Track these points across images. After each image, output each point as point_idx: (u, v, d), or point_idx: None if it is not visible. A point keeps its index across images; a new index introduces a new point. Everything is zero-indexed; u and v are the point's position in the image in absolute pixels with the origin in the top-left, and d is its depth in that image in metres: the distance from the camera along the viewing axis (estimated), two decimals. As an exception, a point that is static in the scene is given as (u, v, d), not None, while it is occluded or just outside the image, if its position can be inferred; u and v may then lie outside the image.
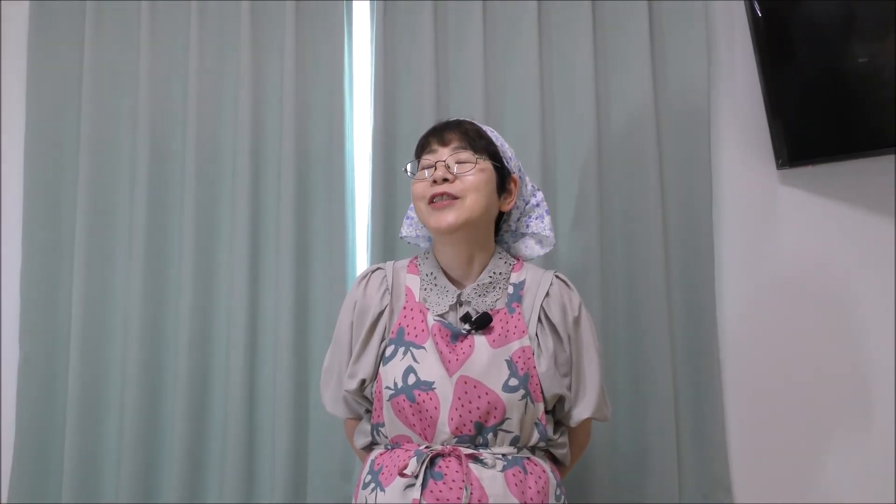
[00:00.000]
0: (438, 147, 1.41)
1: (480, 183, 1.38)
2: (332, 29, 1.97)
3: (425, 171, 1.41)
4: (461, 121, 1.46)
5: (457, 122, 1.45)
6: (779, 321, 1.93)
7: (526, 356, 1.35)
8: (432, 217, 1.38)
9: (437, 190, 1.37)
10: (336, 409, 1.45)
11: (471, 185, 1.37)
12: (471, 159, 1.39)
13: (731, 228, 1.95)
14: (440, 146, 1.41)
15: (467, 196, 1.37)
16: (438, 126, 1.46)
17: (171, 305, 1.91)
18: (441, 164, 1.38)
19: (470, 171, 1.38)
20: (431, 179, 1.38)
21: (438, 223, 1.37)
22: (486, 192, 1.39)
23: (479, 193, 1.38)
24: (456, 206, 1.36)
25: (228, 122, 1.96)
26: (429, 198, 1.38)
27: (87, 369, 1.88)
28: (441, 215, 1.37)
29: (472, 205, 1.37)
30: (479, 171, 1.38)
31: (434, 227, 1.38)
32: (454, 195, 1.37)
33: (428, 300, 1.41)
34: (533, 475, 1.32)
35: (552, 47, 1.96)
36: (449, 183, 1.37)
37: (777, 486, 1.89)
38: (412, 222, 1.57)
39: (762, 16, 1.87)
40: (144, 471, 1.85)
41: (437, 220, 1.37)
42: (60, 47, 1.98)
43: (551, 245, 1.53)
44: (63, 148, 1.96)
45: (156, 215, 1.92)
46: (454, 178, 1.37)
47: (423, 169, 1.42)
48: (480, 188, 1.38)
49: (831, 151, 1.86)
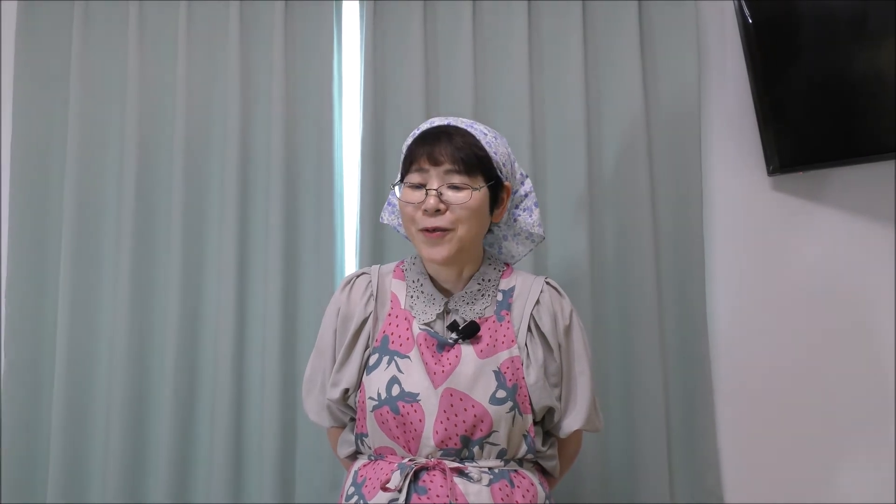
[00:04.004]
0: (429, 167, 1.31)
1: (473, 211, 1.31)
2: (321, 30, 1.95)
3: (414, 192, 1.32)
4: (451, 133, 1.34)
5: (447, 134, 1.33)
6: (770, 327, 1.93)
7: (515, 367, 1.33)
8: (424, 248, 1.33)
9: (429, 224, 1.30)
10: (320, 417, 1.43)
11: (463, 216, 1.31)
12: (465, 184, 1.30)
13: (721, 234, 1.95)
14: (431, 166, 1.31)
15: (459, 227, 1.31)
16: (428, 136, 1.34)
17: (158, 309, 1.90)
18: (433, 194, 1.30)
19: (462, 202, 1.30)
20: (422, 209, 1.30)
21: (431, 256, 1.33)
22: (478, 218, 1.33)
23: (471, 222, 1.32)
24: (447, 237, 1.31)
25: (217, 123, 1.94)
26: (421, 227, 1.32)
27: (73, 374, 1.86)
28: (433, 249, 1.32)
29: (465, 234, 1.32)
30: (471, 199, 1.31)
31: (426, 257, 1.34)
32: (446, 228, 1.31)
33: (414, 308, 1.38)
34: (520, 489, 1.30)
35: (542, 50, 1.95)
36: (440, 214, 1.30)
37: (769, 494, 1.88)
38: (394, 209, 1.46)
39: (752, 21, 1.87)
40: (131, 476, 1.83)
41: (430, 253, 1.32)
42: (48, 48, 1.96)
43: (540, 240, 1.47)
44: (50, 149, 1.94)
45: (143, 218, 1.90)
46: (446, 209, 1.30)
47: (412, 187, 1.33)
48: (472, 217, 1.32)
49: (822, 157, 1.85)
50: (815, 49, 1.83)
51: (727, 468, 1.88)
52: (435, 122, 1.39)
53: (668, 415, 1.85)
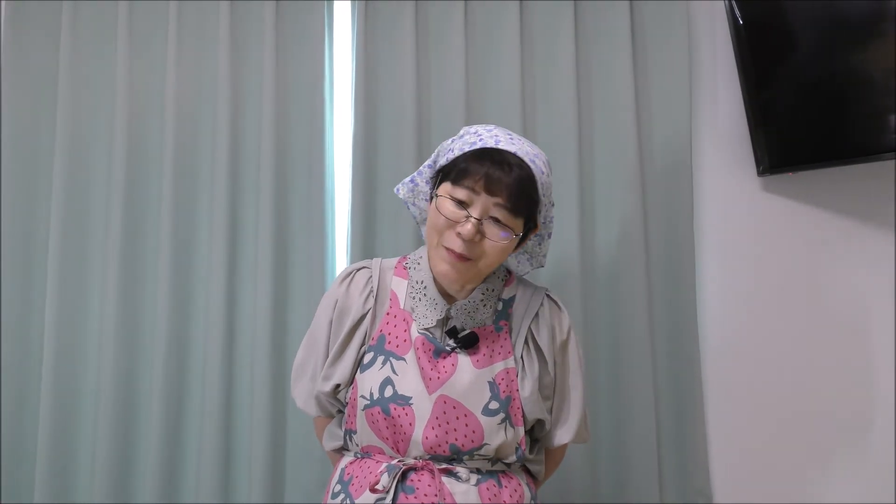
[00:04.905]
0: (481, 192, 1.24)
1: (501, 252, 1.28)
2: (312, 29, 1.94)
3: (455, 208, 1.25)
4: (514, 165, 1.25)
5: (510, 165, 1.25)
6: (760, 329, 1.93)
7: (509, 378, 1.32)
8: (440, 263, 1.29)
9: (457, 248, 1.25)
10: (307, 406, 1.40)
11: (492, 255, 1.27)
12: (508, 225, 1.25)
13: (712, 235, 1.95)
14: (483, 192, 1.24)
15: (481, 261, 1.28)
16: (492, 158, 1.25)
17: (147, 308, 1.88)
18: (474, 223, 1.24)
19: (497, 242, 1.26)
20: (457, 231, 1.25)
21: (445, 275, 1.29)
22: (504, 256, 1.30)
23: (495, 260, 1.29)
24: (468, 265, 1.27)
25: (207, 122, 1.93)
26: (446, 244, 1.27)
27: (61, 373, 1.84)
28: (449, 269, 1.28)
29: (483, 269, 1.30)
30: (504, 244, 1.27)
31: (437, 271, 1.30)
32: (469, 258, 1.27)
33: (415, 311, 1.36)
34: (508, 489, 1.30)
35: (534, 50, 1.94)
36: (473, 244, 1.26)
37: (758, 495, 1.88)
38: (415, 188, 1.40)
39: (743, 22, 1.87)
40: (120, 476, 1.82)
41: (444, 271, 1.29)
42: (36, 48, 1.94)
43: (540, 266, 1.48)
44: (38, 149, 1.92)
45: (132, 218, 1.89)
46: (480, 240, 1.26)
47: (455, 202, 1.26)
48: (500, 256, 1.28)
49: (812, 158, 1.86)
50: (805, 50, 1.84)
51: (716, 469, 1.88)
52: (500, 140, 1.29)
53: (657, 415, 1.85)
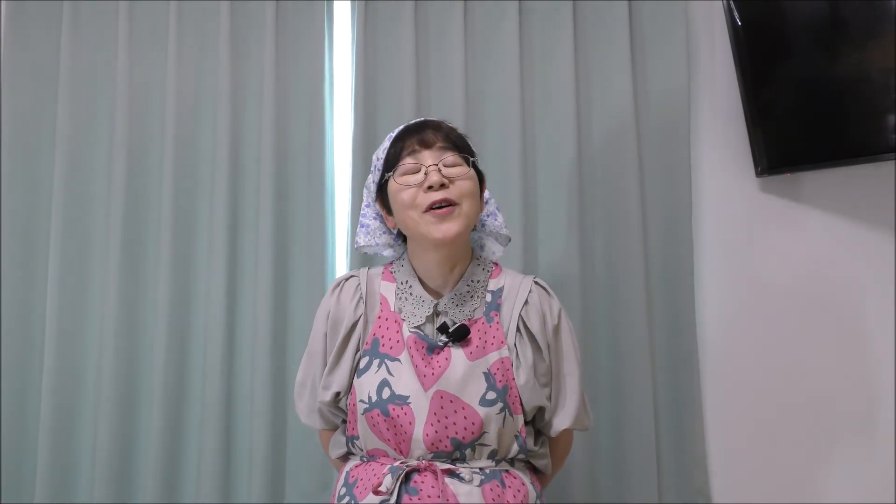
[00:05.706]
0: (421, 149, 1.33)
1: (472, 188, 1.33)
2: (312, 29, 1.94)
3: (411, 175, 1.32)
4: (431, 122, 1.38)
5: (428, 122, 1.38)
6: (758, 328, 1.94)
7: (504, 367, 1.33)
8: (433, 226, 1.30)
9: (437, 197, 1.29)
10: (311, 420, 1.43)
11: (466, 191, 1.32)
12: (458, 162, 1.33)
13: (710, 235, 1.96)
14: (423, 148, 1.33)
15: (463, 202, 1.31)
16: (414, 126, 1.37)
17: (147, 309, 1.88)
18: (433, 169, 1.30)
19: (462, 176, 1.32)
20: (426, 185, 1.30)
21: (442, 234, 1.30)
22: (476, 197, 1.35)
23: (472, 199, 1.33)
24: (455, 213, 1.30)
25: (207, 122, 1.93)
26: (426, 205, 1.30)
27: (62, 374, 1.84)
28: (444, 225, 1.30)
29: (469, 211, 1.32)
30: (469, 175, 1.33)
31: (435, 237, 1.30)
32: (453, 201, 1.30)
33: (403, 311, 1.38)
34: (511, 488, 1.31)
35: (533, 50, 1.95)
36: (446, 188, 1.30)
37: (757, 495, 1.89)
38: (369, 231, 1.47)
39: (741, 23, 1.88)
40: (120, 477, 1.82)
41: (441, 231, 1.30)
42: (37, 47, 1.94)
43: (507, 242, 1.50)
44: (39, 148, 1.91)
45: (133, 218, 1.88)
46: (450, 182, 1.30)
47: (405, 175, 1.33)
48: (473, 193, 1.33)
49: (810, 159, 1.87)
50: (803, 50, 1.85)
51: (715, 468, 1.89)
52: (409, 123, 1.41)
53: (656, 415, 1.86)
